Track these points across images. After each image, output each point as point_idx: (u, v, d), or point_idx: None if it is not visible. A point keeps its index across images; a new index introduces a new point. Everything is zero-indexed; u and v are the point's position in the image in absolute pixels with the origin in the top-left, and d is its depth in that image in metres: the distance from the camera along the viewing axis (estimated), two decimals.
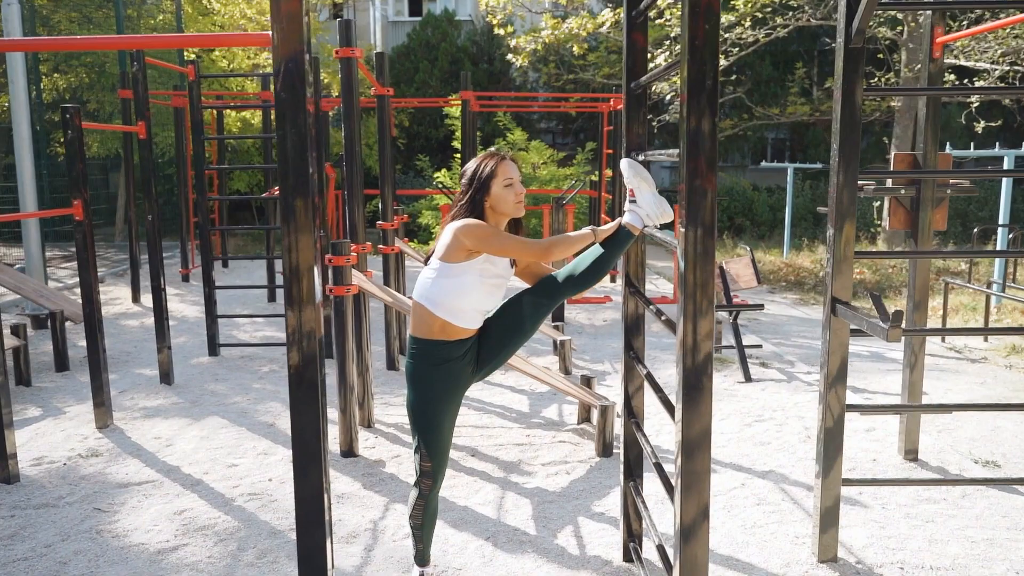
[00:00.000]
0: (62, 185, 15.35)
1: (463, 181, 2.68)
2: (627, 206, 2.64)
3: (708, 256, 1.91)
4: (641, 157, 2.67)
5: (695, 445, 1.98)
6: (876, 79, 13.28)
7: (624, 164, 2.63)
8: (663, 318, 2.34)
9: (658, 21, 11.94)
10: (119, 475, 3.97)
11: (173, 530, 3.36)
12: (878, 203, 13.51)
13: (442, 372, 2.60)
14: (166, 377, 5.61)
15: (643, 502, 2.75)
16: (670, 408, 2.13)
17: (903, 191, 3.89)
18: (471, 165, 2.69)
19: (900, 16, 12.34)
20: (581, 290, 2.69)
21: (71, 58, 13.63)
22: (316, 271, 1.97)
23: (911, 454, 4.16)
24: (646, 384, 2.71)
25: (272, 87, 1.68)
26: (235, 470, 4.03)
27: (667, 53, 12.20)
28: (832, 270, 2.88)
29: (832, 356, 2.93)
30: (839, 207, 2.83)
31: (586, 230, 2.70)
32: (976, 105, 12.06)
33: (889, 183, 4.16)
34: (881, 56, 13.20)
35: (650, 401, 3.85)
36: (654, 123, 14.32)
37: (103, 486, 3.83)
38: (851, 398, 5.15)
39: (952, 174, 3.18)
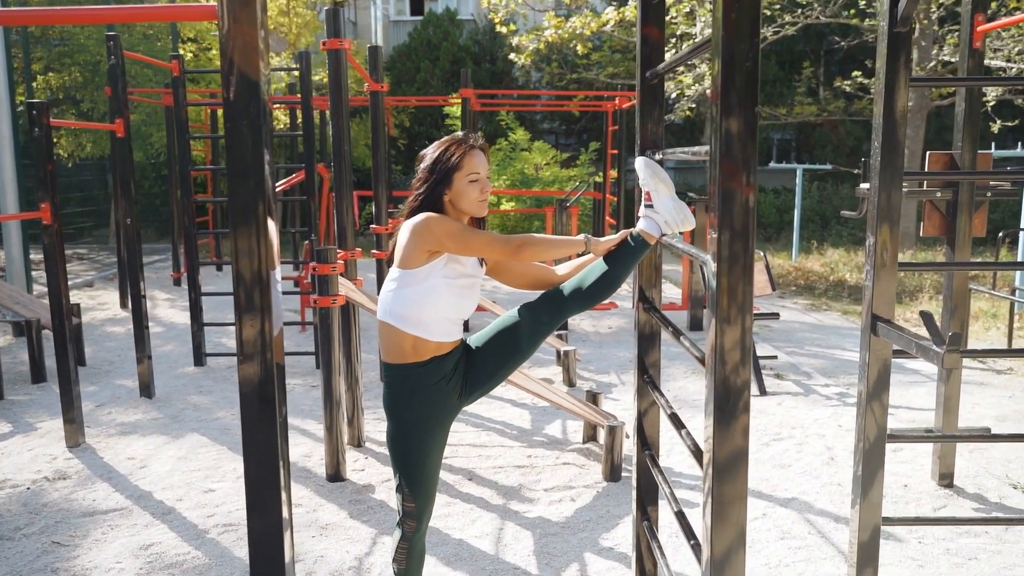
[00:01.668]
0: (60, 186, 15.06)
1: (421, 167, 2.32)
2: (642, 211, 2.32)
3: (742, 262, 1.61)
4: (658, 156, 2.35)
5: (728, 468, 1.67)
6: None
7: (640, 163, 2.30)
8: (695, 353, 2.01)
9: None
10: (85, 502, 3.65)
11: (137, 568, 3.04)
12: None
13: (423, 399, 2.26)
14: (146, 389, 5.29)
15: (659, 546, 2.43)
16: (699, 455, 1.81)
17: (939, 194, 3.57)
18: (432, 151, 2.32)
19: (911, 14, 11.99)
20: (588, 306, 2.37)
21: (64, 56, 13.35)
22: (275, 278, 1.66)
23: (946, 479, 3.83)
24: (661, 405, 2.40)
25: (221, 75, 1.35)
26: (211, 496, 3.71)
27: (673, 51, 11.88)
28: (872, 283, 2.56)
29: (871, 380, 2.60)
30: (880, 211, 2.50)
31: (579, 237, 2.36)
32: (992, 104, 11.72)
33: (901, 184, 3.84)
34: None
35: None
36: None
37: (66, 515, 3.51)
38: None
39: (999, 175, 2.86)
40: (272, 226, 1.66)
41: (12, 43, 12.23)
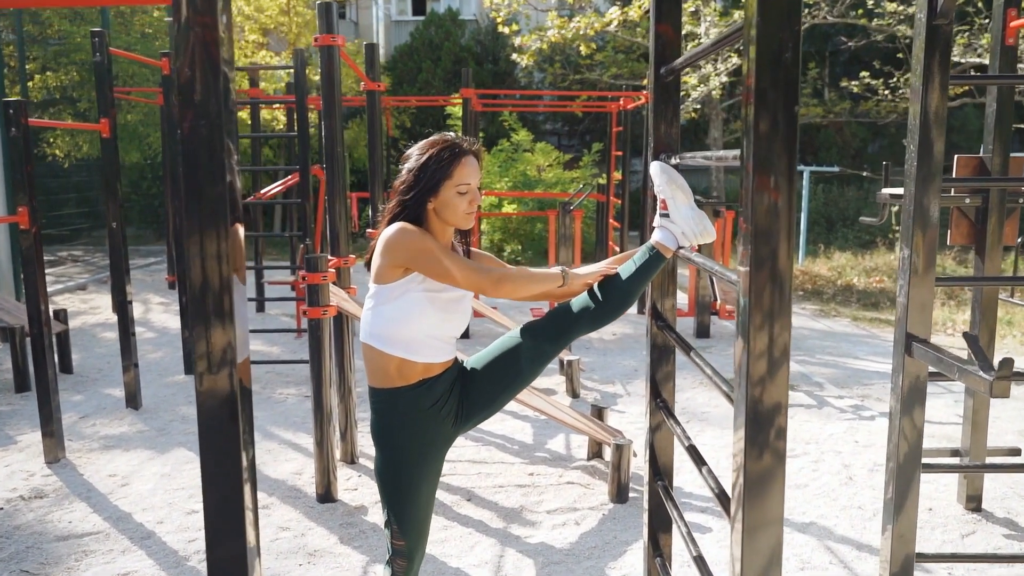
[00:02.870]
0: (57, 187, 14.86)
1: (405, 169, 2.07)
2: (658, 221, 2.10)
3: (778, 275, 1.41)
4: (674, 160, 2.14)
5: (761, 489, 1.47)
6: (895, 79, 12.74)
7: (655, 169, 2.09)
8: (723, 388, 1.80)
9: None
10: (60, 524, 3.44)
11: None
12: (896, 207, 12.93)
13: (413, 427, 2.04)
14: (132, 400, 5.08)
15: None
16: (725, 501, 1.61)
17: (967, 200, 3.36)
18: (419, 153, 2.07)
19: None
20: (597, 328, 2.15)
21: (60, 56, 13.17)
22: (241, 290, 1.45)
23: (973, 502, 3.62)
24: (677, 435, 2.19)
25: (173, 65, 1.13)
26: (194, 518, 3.50)
27: None
28: (907, 300, 2.34)
29: (903, 403, 2.40)
30: (917, 220, 2.29)
31: (555, 270, 2.14)
32: None
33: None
34: (901, 56, 12.65)
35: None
36: None
37: (39, 539, 3.30)
38: None
39: None
40: (240, 234, 1.45)
41: (7, 43, 12.06)
